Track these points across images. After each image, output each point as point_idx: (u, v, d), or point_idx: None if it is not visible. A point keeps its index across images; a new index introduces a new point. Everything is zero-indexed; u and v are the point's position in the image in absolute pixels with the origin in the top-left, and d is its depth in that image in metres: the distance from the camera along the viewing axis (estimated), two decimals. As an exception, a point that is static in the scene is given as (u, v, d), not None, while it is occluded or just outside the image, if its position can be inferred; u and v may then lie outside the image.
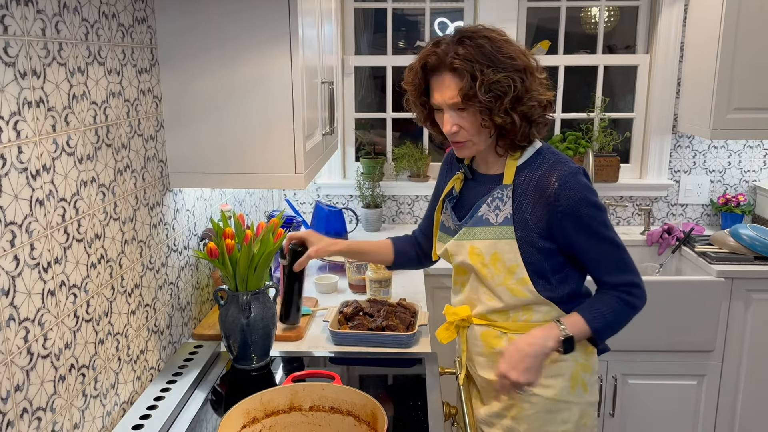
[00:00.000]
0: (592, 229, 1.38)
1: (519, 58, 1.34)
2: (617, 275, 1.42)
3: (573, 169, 1.38)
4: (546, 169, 1.39)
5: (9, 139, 1.01)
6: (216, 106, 1.61)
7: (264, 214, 2.72)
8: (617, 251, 1.42)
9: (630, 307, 1.42)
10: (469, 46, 1.33)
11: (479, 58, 1.32)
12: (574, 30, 3.05)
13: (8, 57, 1.00)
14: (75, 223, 1.21)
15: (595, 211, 1.38)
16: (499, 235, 1.42)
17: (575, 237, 1.39)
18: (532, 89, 1.36)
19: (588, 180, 1.40)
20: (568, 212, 1.36)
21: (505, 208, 1.42)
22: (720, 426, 2.61)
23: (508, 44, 1.36)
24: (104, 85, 1.32)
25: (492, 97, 1.32)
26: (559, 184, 1.36)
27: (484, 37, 1.35)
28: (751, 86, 2.58)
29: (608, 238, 1.40)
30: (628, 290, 1.41)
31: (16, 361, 1.03)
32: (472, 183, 1.53)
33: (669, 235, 2.84)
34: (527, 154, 1.44)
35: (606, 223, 1.40)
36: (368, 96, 3.19)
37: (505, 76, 1.32)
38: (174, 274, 1.72)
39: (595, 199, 1.38)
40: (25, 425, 1.05)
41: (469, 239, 1.47)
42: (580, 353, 1.47)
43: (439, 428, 1.37)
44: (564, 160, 1.41)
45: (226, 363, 1.68)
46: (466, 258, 1.47)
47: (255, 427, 1.23)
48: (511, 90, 1.32)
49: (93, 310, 1.28)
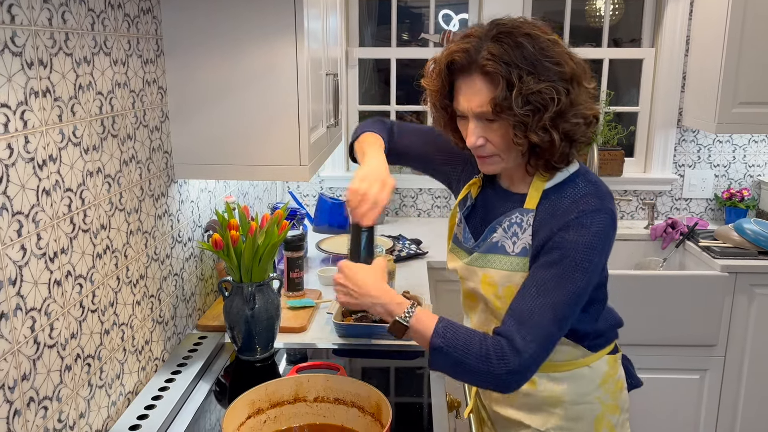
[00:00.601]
0: (562, 275, 1.14)
1: (566, 63, 1.12)
2: (517, 326, 1.13)
3: (603, 208, 1.17)
4: (575, 201, 1.18)
5: (16, 129, 1.01)
6: (221, 97, 1.61)
7: (267, 206, 2.72)
8: (549, 314, 1.13)
9: (488, 369, 1.11)
10: (507, 45, 1.11)
11: (519, 61, 1.10)
12: (579, 23, 3.03)
13: (15, 47, 1.00)
14: (81, 213, 1.21)
15: (586, 264, 1.14)
16: (515, 267, 1.23)
17: (541, 269, 1.16)
18: (578, 102, 1.14)
19: (614, 224, 1.18)
20: (561, 247, 1.15)
21: (523, 236, 1.22)
22: (722, 420, 2.62)
23: (555, 45, 1.14)
24: (110, 76, 1.32)
25: (530, 111, 1.10)
26: (577, 218, 1.15)
27: (526, 34, 1.12)
28: (757, 80, 2.57)
29: (563, 296, 1.13)
30: (503, 350, 1.12)
31: (23, 351, 1.03)
32: (490, 192, 1.34)
33: (673, 229, 2.83)
34: (559, 177, 1.23)
35: (581, 284, 1.14)
36: (372, 88, 3.18)
37: (548, 86, 1.10)
38: (178, 265, 1.72)
39: (594, 254, 1.14)
40: (32, 414, 1.06)
41: (481, 266, 1.28)
42: (608, 394, 1.33)
43: (443, 420, 1.38)
44: (600, 194, 1.19)
45: (231, 354, 1.68)
46: (478, 287, 1.30)
47: (260, 418, 1.24)
48: (553, 103, 1.10)
49: (98, 301, 1.28)
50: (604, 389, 1.32)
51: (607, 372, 1.34)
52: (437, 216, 3.12)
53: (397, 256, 2.46)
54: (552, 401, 1.31)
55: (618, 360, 1.39)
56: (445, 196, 3.10)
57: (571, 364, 1.31)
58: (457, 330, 1.16)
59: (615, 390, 1.35)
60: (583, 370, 1.32)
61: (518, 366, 1.12)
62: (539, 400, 1.32)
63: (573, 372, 1.31)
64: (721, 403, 2.60)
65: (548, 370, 1.30)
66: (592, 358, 1.33)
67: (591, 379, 1.32)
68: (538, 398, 1.32)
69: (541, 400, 1.32)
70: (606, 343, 1.35)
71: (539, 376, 1.29)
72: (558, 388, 1.30)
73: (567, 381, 1.31)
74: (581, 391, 1.31)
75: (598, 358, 1.33)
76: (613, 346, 1.38)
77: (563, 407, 1.31)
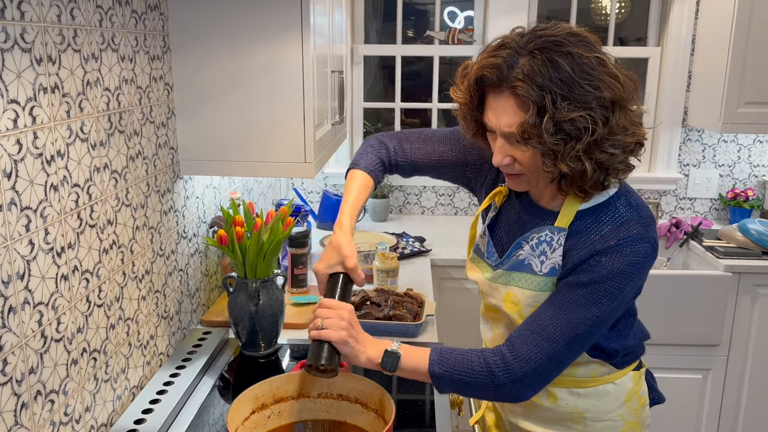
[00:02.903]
0: (586, 296, 1.10)
1: (610, 87, 1.03)
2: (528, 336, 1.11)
3: (643, 236, 1.10)
4: (615, 228, 1.11)
5: (25, 125, 1.02)
6: (227, 93, 1.61)
7: (272, 203, 2.73)
8: (565, 331, 1.10)
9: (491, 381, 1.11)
10: (542, 64, 1.02)
11: (554, 83, 1.01)
12: (585, 21, 3.03)
13: (25, 43, 1.01)
14: (88, 208, 1.22)
15: (615, 293, 1.10)
16: (542, 287, 1.17)
17: (563, 291, 1.13)
18: (617, 131, 1.05)
19: (654, 253, 1.13)
20: (595, 270, 1.10)
21: (553, 256, 1.15)
22: (724, 420, 2.62)
23: (600, 65, 1.03)
24: (117, 72, 1.32)
25: (561, 140, 1.02)
26: (617, 244, 1.09)
27: (567, 53, 1.02)
28: (763, 80, 2.56)
29: (581, 317, 1.10)
30: (505, 358, 1.12)
31: (31, 344, 1.04)
32: (517, 204, 1.26)
33: (677, 228, 2.83)
34: (597, 199, 1.15)
35: (600, 317, 1.11)
36: (377, 85, 3.18)
37: (584, 113, 1.01)
38: (184, 260, 1.73)
39: (627, 283, 1.10)
40: (39, 407, 1.07)
41: (505, 284, 1.23)
42: (630, 411, 1.29)
43: (446, 417, 1.38)
44: (643, 220, 1.13)
45: (235, 349, 1.69)
46: (501, 304, 1.24)
47: (264, 413, 1.25)
48: (587, 133, 1.02)
49: (105, 295, 1.29)
50: (628, 406, 1.28)
51: (631, 389, 1.30)
52: (441, 214, 3.13)
53: (400, 253, 2.47)
54: (574, 417, 1.28)
55: (642, 376, 1.35)
56: (449, 194, 3.10)
57: (596, 381, 1.27)
58: (452, 353, 1.15)
59: (638, 407, 1.31)
60: (608, 387, 1.28)
61: (521, 374, 1.10)
62: (560, 415, 1.28)
63: (597, 388, 1.27)
64: (723, 402, 2.60)
65: (571, 386, 1.27)
66: (617, 375, 1.29)
67: (616, 395, 1.28)
68: (559, 413, 1.28)
69: (562, 416, 1.28)
70: (633, 359, 1.32)
71: (560, 390, 1.27)
72: (581, 404, 1.27)
73: (591, 397, 1.27)
74: (605, 408, 1.27)
75: (623, 375, 1.30)
76: (638, 362, 1.35)
77: (584, 423, 1.27)
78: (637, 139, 1.09)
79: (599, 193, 1.14)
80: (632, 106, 1.08)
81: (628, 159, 1.11)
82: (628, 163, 1.11)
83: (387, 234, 2.67)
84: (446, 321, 2.47)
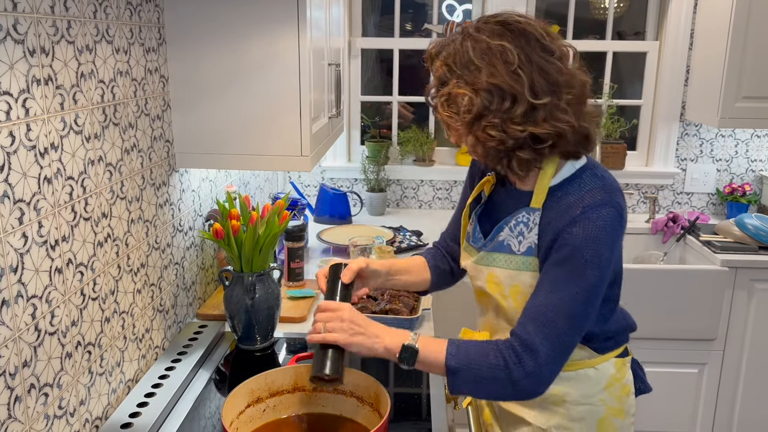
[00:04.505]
0: (572, 271, 1.13)
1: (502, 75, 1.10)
2: (527, 323, 1.14)
3: (608, 201, 1.14)
4: (580, 196, 1.16)
5: (18, 117, 1.01)
6: (222, 86, 1.61)
7: (269, 196, 2.72)
8: (560, 310, 1.13)
9: (507, 376, 1.11)
10: (458, 44, 1.15)
11: (456, 64, 1.14)
12: (583, 15, 3.02)
13: (17, 34, 1.00)
14: (82, 201, 1.21)
15: (595, 259, 1.12)
16: (521, 266, 1.22)
17: (551, 266, 1.16)
18: (501, 117, 1.11)
19: (622, 218, 1.16)
20: (570, 243, 1.13)
21: (529, 235, 1.21)
22: (719, 414, 2.63)
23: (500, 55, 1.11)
24: (112, 64, 1.31)
25: (454, 113, 1.15)
26: (582, 213, 1.13)
27: (474, 38, 1.14)
28: (761, 75, 2.56)
29: (574, 300, 1.13)
30: (517, 352, 1.12)
31: (24, 338, 1.04)
32: (501, 191, 1.33)
33: (674, 223, 2.83)
34: (564, 173, 1.21)
35: (591, 287, 1.13)
36: (374, 79, 3.17)
37: (469, 94, 1.12)
38: (179, 254, 1.73)
39: (603, 248, 1.12)
40: (33, 401, 1.06)
41: (487, 265, 1.28)
42: (613, 397, 1.31)
43: (441, 411, 1.38)
44: (607, 187, 1.17)
45: (231, 343, 1.69)
46: (485, 285, 1.30)
47: (259, 407, 1.25)
48: (469, 112, 1.12)
49: (99, 289, 1.29)
50: (609, 392, 1.30)
51: (613, 375, 1.31)
52: (438, 207, 3.12)
53: (397, 247, 2.47)
54: (555, 399, 1.30)
55: (626, 364, 1.36)
56: (446, 188, 3.10)
57: (576, 365, 1.29)
58: (469, 346, 1.16)
59: (621, 394, 1.32)
60: (588, 372, 1.30)
61: (535, 367, 1.11)
62: (542, 398, 1.27)
63: (578, 372, 1.29)
64: (719, 397, 2.61)
65: None
66: (598, 360, 1.30)
67: (596, 380, 1.30)
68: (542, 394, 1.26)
69: (544, 398, 1.29)
70: (615, 346, 1.33)
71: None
72: (561, 387, 1.28)
73: (571, 381, 1.29)
74: (585, 392, 1.29)
75: (604, 360, 1.31)
76: (623, 350, 1.35)
77: (566, 407, 1.29)
78: (533, 132, 1.11)
79: (567, 165, 1.20)
80: (541, 100, 1.10)
81: (536, 148, 1.14)
82: (537, 149, 1.14)
83: (384, 228, 2.67)
84: (442, 315, 2.47)
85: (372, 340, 1.16)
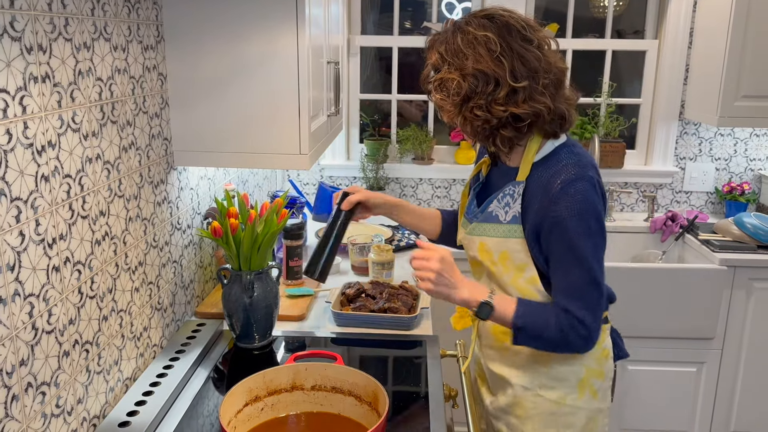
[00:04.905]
0: (574, 248, 1.27)
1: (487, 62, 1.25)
2: (569, 301, 1.29)
3: (582, 175, 1.26)
4: (556, 171, 1.29)
5: (15, 115, 1.00)
6: (221, 84, 1.60)
7: (267, 195, 2.72)
8: (587, 282, 1.28)
9: (562, 337, 1.29)
10: (450, 35, 1.31)
11: (447, 52, 1.30)
12: (583, 13, 3.02)
13: (14, 31, 0.99)
14: (80, 199, 1.21)
15: (587, 230, 1.26)
16: (507, 234, 1.35)
17: (554, 247, 1.29)
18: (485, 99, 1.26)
19: (597, 192, 1.28)
20: (559, 221, 1.26)
21: (514, 206, 1.34)
22: (717, 413, 2.63)
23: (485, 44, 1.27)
24: (110, 62, 1.31)
25: (446, 96, 1.31)
26: (561, 188, 1.26)
27: (463, 30, 1.29)
28: (760, 74, 2.56)
29: (585, 265, 1.27)
30: (570, 322, 1.28)
31: (21, 336, 1.03)
32: (496, 170, 1.47)
33: (673, 222, 2.83)
34: (545, 150, 1.34)
35: (593, 249, 1.27)
36: (373, 77, 3.17)
37: (457, 78, 1.27)
38: (177, 252, 1.72)
39: (590, 218, 1.26)
40: (30, 399, 1.06)
41: (478, 235, 1.42)
42: (593, 359, 1.42)
43: (440, 410, 1.38)
44: (580, 163, 1.29)
45: (229, 341, 1.69)
46: (477, 254, 1.43)
47: (257, 405, 1.24)
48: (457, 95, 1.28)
49: (97, 287, 1.28)
50: (589, 355, 1.41)
51: None
52: (437, 206, 3.12)
53: (396, 245, 2.46)
54: (540, 360, 1.41)
55: (606, 330, 1.47)
56: (445, 186, 3.09)
57: None
58: (534, 308, 1.32)
59: (601, 357, 1.43)
60: None
61: (587, 333, 1.29)
62: (527, 359, 1.43)
63: None
64: (717, 395, 2.61)
65: None
66: None
67: None
68: (526, 355, 1.42)
69: (529, 359, 1.42)
70: None
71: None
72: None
73: None
74: (568, 354, 1.40)
75: None
76: (603, 317, 1.43)
77: (549, 366, 1.41)
78: (513, 112, 1.26)
79: (548, 143, 1.34)
80: (521, 83, 1.25)
81: (517, 127, 1.29)
82: (517, 127, 1.29)
83: (383, 226, 2.66)
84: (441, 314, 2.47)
85: (451, 291, 1.32)
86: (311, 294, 1.96)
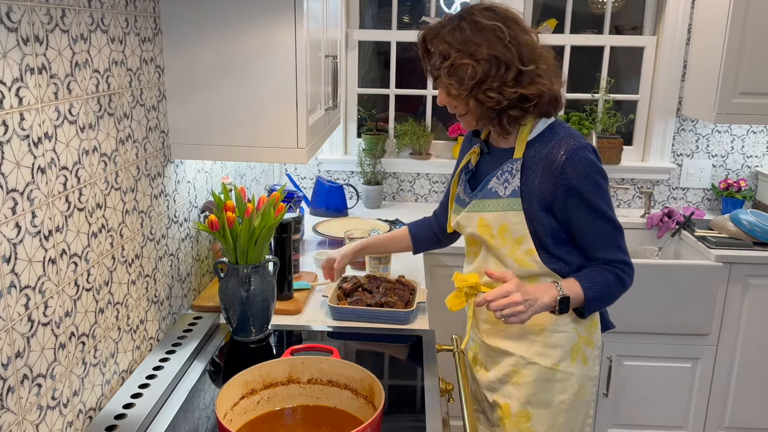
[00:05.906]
0: (593, 206, 1.41)
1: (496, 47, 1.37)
2: (612, 253, 1.46)
3: (582, 144, 1.40)
4: (556, 143, 1.41)
5: (11, 106, 1.00)
6: (218, 77, 1.60)
7: (265, 188, 2.71)
8: (614, 231, 1.45)
9: (621, 284, 1.47)
10: (455, 26, 1.40)
11: (455, 40, 1.38)
12: (581, 9, 3.01)
13: (11, 22, 0.99)
14: (76, 191, 1.20)
15: (599, 188, 1.40)
16: (506, 207, 1.46)
17: (575, 212, 1.42)
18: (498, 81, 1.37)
19: (596, 157, 1.42)
20: (573, 186, 1.38)
21: (513, 180, 1.45)
22: (712, 409, 2.64)
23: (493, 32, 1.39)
24: (107, 54, 1.30)
25: (455, 81, 1.39)
26: (567, 158, 1.38)
27: (471, 19, 1.40)
28: (758, 71, 2.56)
29: (608, 217, 1.43)
30: (621, 268, 1.46)
31: (17, 328, 1.03)
32: (487, 157, 1.56)
33: (669, 218, 2.84)
34: (538, 129, 1.46)
35: (608, 203, 1.43)
36: (371, 71, 3.16)
37: (471, 63, 1.36)
38: (174, 245, 1.72)
39: (599, 177, 1.40)
40: (26, 391, 1.06)
41: (478, 211, 1.51)
42: (583, 327, 1.53)
43: (435, 404, 1.39)
44: (575, 135, 1.43)
45: (225, 335, 1.69)
46: (476, 230, 1.52)
47: (253, 398, 1.25)
48: (472, 78, 1.37)
49: (93, 279, 1.28)
50: (580, 323, 1.51)
51: None
52: (434, 201, 3.12)
53: (393, 240, 2.46)
54: (533, 329, 1.51)
55: None
56: (442, 181, 3.09)
57: None
58: (592, 275, 1.45)
59: (590, 326, 1.54)
60: None
61: (632, 269, 1.48)
62: (521, 329, 1.52)
63: None
64: (711, 391, 2.62)
65: None
66: None
67: (570, 312, 1.49)
68: (521, 326, 1.51)
69: (524, 329, 1.52)
70: None
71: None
72: (540, 317, 1.48)
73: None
74: (560, 321, 1.50)
75: None
76: None
77: (543, 335, 1.50)
78: (522, 93, 1.38)
79: (539, 123, 1.46)
80: (527, 67, 1.37)
81: (524, 107, 1.40)
82: (524, 107, 1.40)
83: (380, 221, 2.67)
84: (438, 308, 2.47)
85: (537, 306, 1.38)
86: (308, 288, 1.96)
